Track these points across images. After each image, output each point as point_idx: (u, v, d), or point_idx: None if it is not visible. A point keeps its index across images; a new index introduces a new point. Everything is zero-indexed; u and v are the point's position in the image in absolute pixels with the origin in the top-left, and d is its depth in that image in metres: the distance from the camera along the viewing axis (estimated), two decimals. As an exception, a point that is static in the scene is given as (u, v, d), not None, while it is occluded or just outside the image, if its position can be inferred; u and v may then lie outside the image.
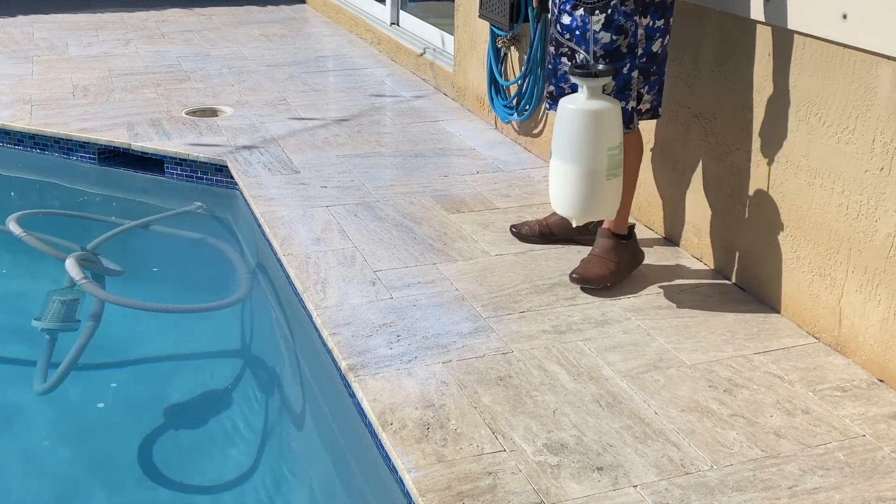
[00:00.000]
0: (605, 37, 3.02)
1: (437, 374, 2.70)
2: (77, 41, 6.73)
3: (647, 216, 3.72)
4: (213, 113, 5.11)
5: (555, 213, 3.40)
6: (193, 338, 3.50)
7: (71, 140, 4.68)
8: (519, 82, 4.50)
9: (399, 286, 3.22)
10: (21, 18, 7.45)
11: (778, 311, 3.07)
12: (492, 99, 4.79)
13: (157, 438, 2.92)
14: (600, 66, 2.91)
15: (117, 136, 4.64)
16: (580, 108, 2.88)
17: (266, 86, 5.68)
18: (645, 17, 3.04)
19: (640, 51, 3.07)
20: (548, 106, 3.31)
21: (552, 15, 3.19)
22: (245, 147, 4.56)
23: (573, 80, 2.90)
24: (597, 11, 2.99)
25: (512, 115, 4.60)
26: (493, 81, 4.77)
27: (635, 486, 2.26)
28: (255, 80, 5.82)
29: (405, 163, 4.43)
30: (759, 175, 3.08)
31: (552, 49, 3.21)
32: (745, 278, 3.22)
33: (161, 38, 6.96)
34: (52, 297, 3.52)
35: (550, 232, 3.55)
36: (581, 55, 3.03)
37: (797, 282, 2.98)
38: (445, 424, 2.47)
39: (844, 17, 2.68)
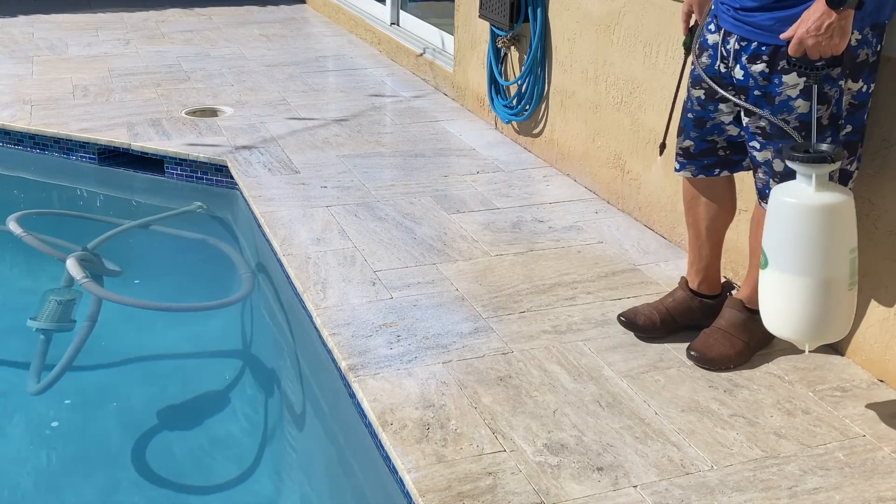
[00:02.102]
0: (803, 105, 2.41)
1: (437, 375, 2.70)
2: (77, 41, 6.73)
3: (647, 216, 3.72)
4: (213, 113, 5.11)
5: (672, 296, 2.95)
6: (193, 337, 3.50)
7: (71, 140, 4.68)
8: (519, 82, 4.50)
9: (399, 286, 3.21)
10: (21, 18, 7.45)
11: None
12: (492, 99, 4.79)
13: (156, 438, 2.91)
14: (825, 146, 2.27)
15: (117, 136, 4.64)
16: (810, 203, 2.24)
17: (266, 86, 5.68)
18: (855, 82, 2.44)
19: (842, 122, 2.47)
20: (678, 167, 2.76)
21: (695, 52, 2.63)
22: (245, 147, 4.56)
23: (791, 165, 2.28)
24: (794, 74, 2.39)
25: (512, 114, 4.60)
26: (493, 81, 4.77)
27: (635, 487, 2.25)
28: (255, 80, 5.82)
29: (405, 163, 4.42)
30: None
31: (698, 92, 2.65)
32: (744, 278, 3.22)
33: (161, 38, 6.95)
34: (48, 297, 3.52)
35: (673, 320, 2.91)
36: (790, 134, 2.41)
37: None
38: (445, 424, 2.47)
39: None
